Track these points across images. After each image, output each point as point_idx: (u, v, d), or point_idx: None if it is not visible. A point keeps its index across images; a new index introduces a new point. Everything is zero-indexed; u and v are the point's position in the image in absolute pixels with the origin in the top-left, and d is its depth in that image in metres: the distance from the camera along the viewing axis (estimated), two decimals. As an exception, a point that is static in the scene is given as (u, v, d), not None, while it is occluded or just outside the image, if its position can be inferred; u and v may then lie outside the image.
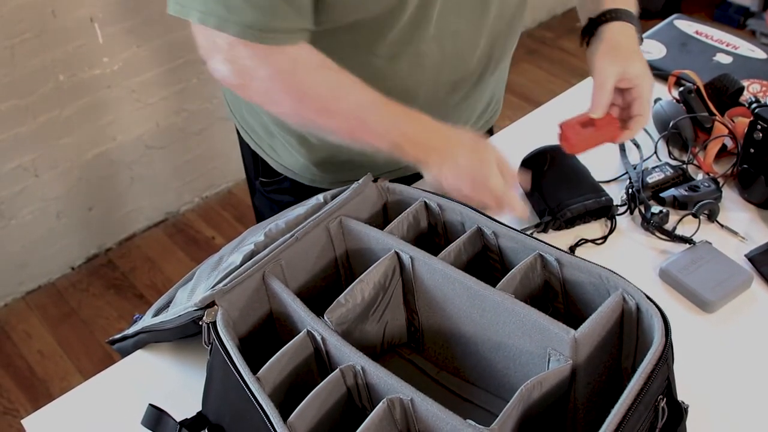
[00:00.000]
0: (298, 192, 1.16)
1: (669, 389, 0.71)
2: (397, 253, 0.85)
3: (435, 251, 0.85)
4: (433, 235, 0.94)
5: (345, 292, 0.81)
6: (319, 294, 0.89)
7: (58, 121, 2.17)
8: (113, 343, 0.96)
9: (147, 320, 0.90)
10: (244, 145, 1.24)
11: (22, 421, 0.88)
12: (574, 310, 0.83)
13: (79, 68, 2.13)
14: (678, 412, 0.72)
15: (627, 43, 1.02)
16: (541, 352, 0.75)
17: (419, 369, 0.90)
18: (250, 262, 0.82)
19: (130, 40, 2.20)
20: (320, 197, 0.93)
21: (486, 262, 0.90)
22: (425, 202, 0.92)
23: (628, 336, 0.78)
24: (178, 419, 0.78)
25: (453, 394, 0.86)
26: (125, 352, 0.95)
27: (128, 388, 0.91)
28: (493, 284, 0.79)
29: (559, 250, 0.83)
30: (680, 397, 0.74)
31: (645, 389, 0.67)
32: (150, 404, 0.80)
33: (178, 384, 0.90)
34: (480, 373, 0.85)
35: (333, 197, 0.92)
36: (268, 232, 0.87)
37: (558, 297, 0.84)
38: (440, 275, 0.82)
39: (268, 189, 1.23)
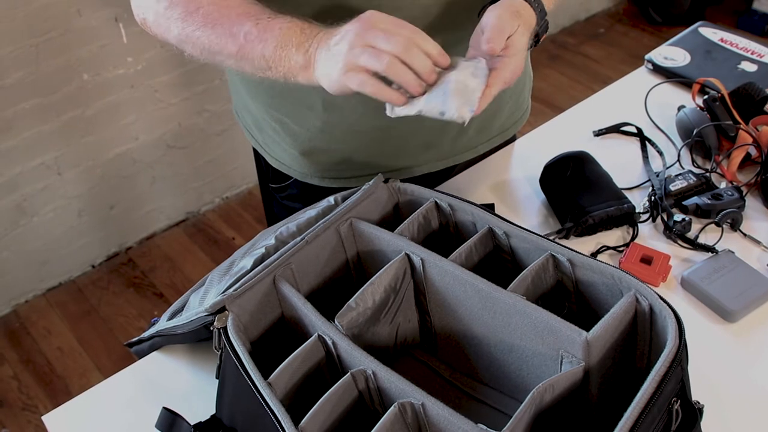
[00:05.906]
0: (306, 197, 1.15)
1: (683, 391, 0.70)
2: (407, 255, 0.84)
3: (447, 251, 0.84)
4: (444, 235, 0.94)
5: (355, 296, 0.80)
6: (331, 296, 0.88)
7: (82, 120, 2.18)
8: (131, 346, 0.97)
9: (162, 324, 0.90)
10: (253, 150, 1.24)
11: (43, 418, 0.89)
12: (588, 311, 0.83)
13: (103, 67, 2.15)
14: (692, 415, 0.71)
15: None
16: (554, 354, 0.75)
17: (432, 370, 0.89)
18: (260, 266, 0.82)
19: (153, 40, 2.20)
20: (331, 199, 0.92)
21: (498, 261, 0.89)
22: (436, 202, 0.92)
23: (642, 337, 0.77)
24: (193, 421, 0.78)
25: (466, 395, 0.86)
26: (142, 354, 0.96)
27: (145, 389, 0.91)
28: (507, 280, 0.79)
29: (572, 250, 0.82)
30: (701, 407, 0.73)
31: (658, 392, 0.66)
32: (164, 407, 0.80)
33: (194, 385, 0.90)
34: (493, 374, 0.85)
35: (344, 199, 0.92)
36: (279, 235, 0.87)
37: (571, 297, 0.83)
38: (451, 277, 0.81)
39: (282, 195, 1.23)
